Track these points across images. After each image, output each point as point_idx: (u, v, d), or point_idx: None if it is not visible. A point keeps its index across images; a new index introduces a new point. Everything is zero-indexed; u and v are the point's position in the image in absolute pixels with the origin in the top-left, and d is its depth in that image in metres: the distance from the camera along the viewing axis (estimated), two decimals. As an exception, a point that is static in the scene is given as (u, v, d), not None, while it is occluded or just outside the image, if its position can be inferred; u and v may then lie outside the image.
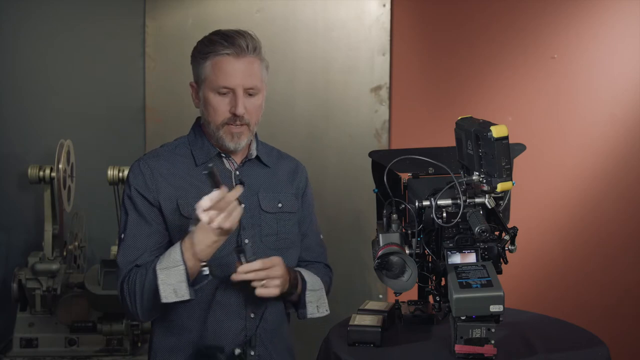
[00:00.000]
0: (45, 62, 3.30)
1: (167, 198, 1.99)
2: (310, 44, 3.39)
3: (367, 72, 3.39)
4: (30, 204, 3.24)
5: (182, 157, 2.06)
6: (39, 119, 3.29)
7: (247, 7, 3.37)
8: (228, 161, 2.07)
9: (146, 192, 1.99)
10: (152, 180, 2.00)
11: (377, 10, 3.38)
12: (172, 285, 1.86)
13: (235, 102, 1.97)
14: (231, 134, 2.00)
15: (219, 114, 1.99)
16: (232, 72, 1.97)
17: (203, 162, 2.03)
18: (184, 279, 1.86)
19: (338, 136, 3.42)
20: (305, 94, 3.40)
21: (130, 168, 2.06)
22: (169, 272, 1.86)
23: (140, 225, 1.98)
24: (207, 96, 2.00)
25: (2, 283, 3.08)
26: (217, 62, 1.97)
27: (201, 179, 1.99)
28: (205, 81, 2.00)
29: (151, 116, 3.38)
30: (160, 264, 1.88)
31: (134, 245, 1.97)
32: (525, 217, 2.57)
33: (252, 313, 2.04)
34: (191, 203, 1.96)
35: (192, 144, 2.07)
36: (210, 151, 2.05)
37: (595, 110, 3.34)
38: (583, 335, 2.10)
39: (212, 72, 1.98)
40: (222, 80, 1.97)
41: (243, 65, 1.98)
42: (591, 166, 3.35)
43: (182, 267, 1.86)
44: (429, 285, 2.03)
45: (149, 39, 3.37)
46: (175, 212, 1.98)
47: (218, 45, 1.97)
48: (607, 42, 3.32)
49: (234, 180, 2.06)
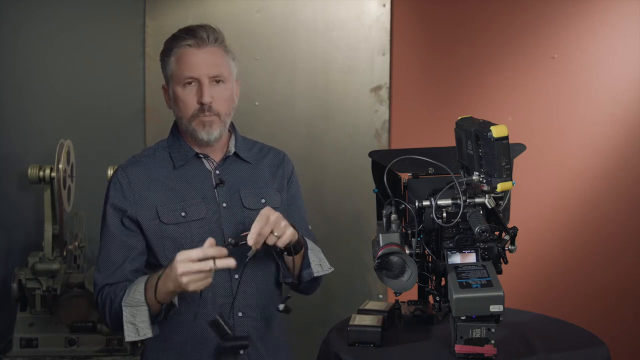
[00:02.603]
0: (45, 62, 3.30)
1: (145, 206, 1.99)
2: (310, 44, 3.39)
3: (367, 72, 3.39)
4: (30, 204, 3.24)
5: (160, 162, 2.06)
6: (39, 119, 3.29)
7: (247, 7, 3.37)
8: (207, 161, 2.07)
9: (123, 204, 1.99)
10: (129, 190, 2.00)
11: (377, 10, 3.38)
12: (135, 325, 1.87)
13: (201, 91, 1.98)
14: (202, 123, 2.00)
15: (188, 106, 2.00)
16: (196, 62, 1.98)
17: (181, 165, 2.04)
18: (147, 318, 1.87)
19: (338, 136, 3.42)
20: (305, 94, 3.40)
21: (110, 178, 2.07)
22: (132, 311, 1.87)
23: (111, 240, 1.99)
24: (175, 91, 2.01)
25: (2, 283, 3.08)
26: (180, 55, 1.99)
27: (179, 183, 2.01)
28: (172, 77, 2.01)
29: (151, 116, 3.38)
30: (126, 299, 1.89)
31: (106, 259, 1.98)
32: (525, 217, 2.57)
33: (240, 312, 2.03)
34: (170, 208, 1.98)
35: (170, 147, 2.08)
36: (188, 152, 2.05)
37: (595, 110, 3.34)
38: (583, 335, 2.10)
39: (177, 66, 2.00)
40: (186, 71, 1.98)
41: (205, 55, 1.99)
42: (591, 166, 3.35)
43: (145, 308, 1.86)
44: (429, 285, 2.03)
45: (149, 39, 3.37)
46: (154, 219, 1.99)
47: (179, 39, 2.00)
48: (607, 42, 3.32)
49: (214, 180, 2.05)
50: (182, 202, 2.00)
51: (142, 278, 1.92)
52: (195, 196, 2.02)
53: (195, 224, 2.00)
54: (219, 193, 2.04)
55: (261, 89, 3.35)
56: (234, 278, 2.02)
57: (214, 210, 2.02)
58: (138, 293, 1.87)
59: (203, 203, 2.02)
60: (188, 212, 2.00)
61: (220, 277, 1.99)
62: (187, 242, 1.97)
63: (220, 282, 2.00)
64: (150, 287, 1.86)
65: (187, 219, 1.99)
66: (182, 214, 1.99)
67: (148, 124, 3.39)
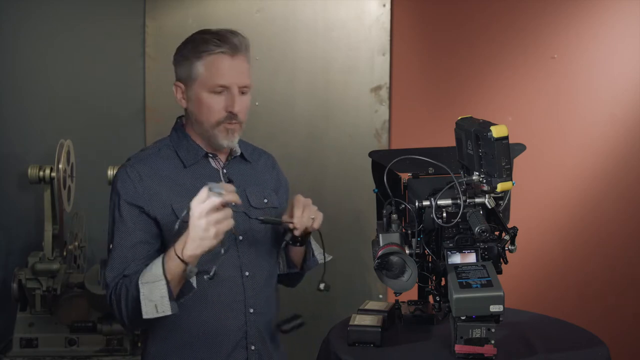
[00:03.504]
0: (45, 62, 3.30)
1: (160, 204, 1.97)
2: (310, 44, 3.39)
3: (367, 72, 3.39)
4: (30, 204, 3.24)
5: (167, 160, 2.04)
6: (39, 119, 3.29)
7: (247, 7, 3.37)
8: (214, 160, 2.07)
9: (135, 199, 1.96)
10: (141, 186, 1.97)
11: (377, 10, 3.38)
12: (153, 301, 1.83)
13: (232, 101, 1.98)
14: (226, 130, 2.00)
15: (214, 113, 1.98)
16: (228, 70, 1.97)
17: (192, 164, 2.03)
18: (166, 294, 1.83)
19: (338, 136, 3.41)
20: (305, 94, 3.40)
21: (116, 175, 2.02)
22: (150, 287, 1.83)
23: (127, 236, 1.95)
24: (200, 96, 1.99)
25: (2, 283, 3.08)
26: (213, 60, 1.97)
27: (190, 181, 2.00)
28: (196, 80, 1.99)
29: (151, 116, 3.38)
30: (143, 277, 1.85)
31: (121, 256, 1.94)
32: (525, 217, 2.57)
33: (252, 308, 2.04)
34: (184, 206, 1.94)
35: (177, 146, 2.06)
36: (198, 152, 2.05)
37: (595, 110, 3.34)
38: (583, 335, 2.10)
39: (207, 72, 1.97)
40: (218, 79, 1.97)
41: (237, 63, 1.99)
42: (591, 166, 3.35)
43: (163, 282, 1.82)
44: (429, 285, 2.03)
45: (149, 39, 3.37)
46: (171, 215, 1.97)
47: (212, 44, 1.97)
48: (607, 42, 3.32)
49: (222, 179, 2.06)
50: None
51: (158, 257, 1.88)
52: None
53: None
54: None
55: (261, 89, 3.35)
56: (244, 275, 2.03)
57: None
58: (155, 267, 1.84)
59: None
60: None
61: (231, 274, 2.01)
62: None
63: (231, 279, 2.00)
64: (170, 258, 1.83)
65: None
66: None
67: (148, 124, 3.39)
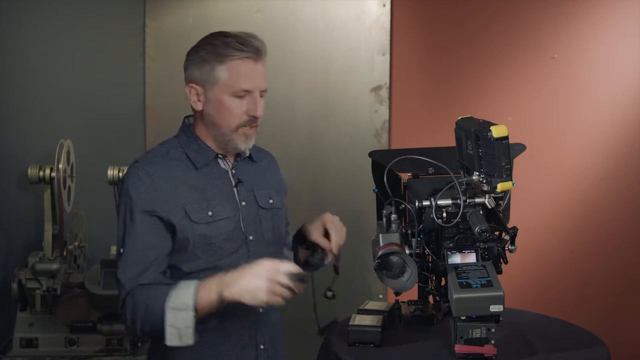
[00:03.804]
0: (45, 62, 3.30)
1: (174, 206, 1.96)
2: (310, 44, 3.39)
3: (367, 72, 3.39)
4: (30, 204, 3.24)
5: (178, 162, 2.03)
6: (39, 119, 3.29)
7: (247, 7, 3.37)
8: (223, 161, 2.08)
9: (148, 203, 1.95)
10: (154, 189, 1.96)
11: (377, 10, 3.38)
12: (178, 329, 1.83)
13: (255, 105, 1.99)
14: (245, 135, 2.02)
15: (236, 116, 1.99)
16: (252, 75, 1.98)
17: (203, 165, 2.03)
18: (191, 324, 1.83)
19: (338, 136, 3.42)
20: (305, 94, 3.40)
21: (127, 176, 2.00)
22: (177, 315, 1.82)
23: (139, 239, 1.94)
24: (221, 99, 1.98)
25: (2, 283, 3.07)
26: (238, 65, 1.97)
27: (202, 183, 2.01)
28: (218, 84, 1.98)
29: (151, 116, 3.38)
30: (170, 300, 1.83)
31: (135, 261, 1.93)
32: (525, 217, 2.57)
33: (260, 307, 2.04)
34: (197, 208, 1.97)
35: (186, 147, 2.05)
36: (209, 154, 2.05)
37: (595, 110, 3.34)
38: (583, 335, 2.10)
39: (230, 76, 1.97)
40: (243, 83, 1.97)
41: (260, 67, 2.00)
42: (591, 166, 3.35)
43: (192, 313, 1.82)
44: (429, 285, 2.03)
45: (149, 39, 3.37)
46: (184, 218, 1.96)
47: (234, 48, 1.97)
48: (607, 42, 3.31)
49: (232, 179, 2.06)
50: (207, 201, 2.00)
51: (188, 282, 1.88)
52: (218, 195, 2.03)
53: (222, 223, 2.00)
54: (239, 192, 2.06)
55: (261, 89, 3.35)
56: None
57: (235, 209, 2.04)
58: (187, 298, 1.83)
59: (226, 202, 2.03)
60: (214, 211, 2.00)
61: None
62: (216, 240, 1.99)
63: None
64: (206, 290, 1.83)
65: (214, 218, 1.99)
66: (209, 213, 1.99)
67: (148, 124, 3.39)
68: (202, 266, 1.99)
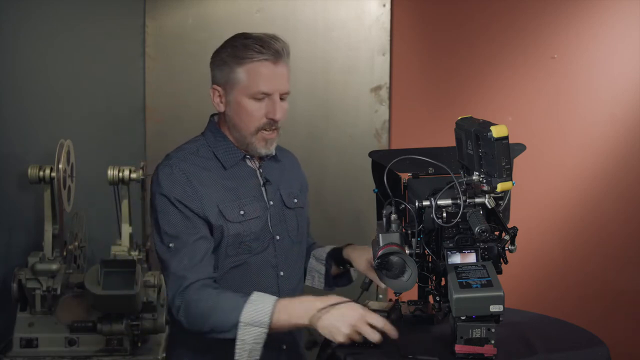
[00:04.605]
0: (45, 62, 3.30)
1: (208, 204, 1.97)
2: (310, 44, 3.39)
3: (367, 72, 3.39)
4: (30, 204, 3.24)
5: (208, 160, 2.03)
6: (39, 119, 3.29)
7: (247, 7, 3.37)
8: (250, 161, 2.09)
9: (186, 200, 1.95)
10: (190, 186, 1.96)
11: (377, 10, 3.38)
12: (249, 345, 1.82)
13: (274, 108, 1.99)
14: (264, 140, 2.02)
15: (255, 119, 1.99)
16: (271, 77, 1.98)
17: (232, 165, 2.04)
18: (262, 342, 1.82)
19: (338, 136, 3.42)
20: (305, 94, 3.40)
21: (161, 173, 1.99)
22: (250, 331, 1.81)
23: (188, 232, 1.94)
24: (240, 101, 1.99)
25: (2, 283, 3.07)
26: (255, 67, 1.97)
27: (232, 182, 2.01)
28: (237, 86, 1.98)
29: (151, 116, 3.39)
30: (245, 316, 1.82)
31: (189, 252, 1.93)
32: (525, 217, 2.57)
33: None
34: (230, 207, 1.98)
35: (214, 146, 2.06)
36: (237, 154, 2.05)
37: (595, 110, 3.34)
38: (583, 335, 2.10)
39: (249, 78, 1.97)
40: (261, 86, 1.97)
41: (279, 70, 1.99)
42: (591, 166, 3.35)
43: (265, 331, 1.82)
44: (429, 285, 2.03)
45: (149, 39, 3.37)
46: (219, 217, 1.97)
47: (254, 50, 1.96)
48: (607, 42, 3.32)
49: (260, 178, 2.08)
50: (238, 200, 2.01)
51: (263, 297, 1.86)
52: (248, 194, 2.04)
53: (253, 222, 2.02)
54: (267, 191, 2.07)
55: (261, 89, 3.35)
56: (279, 275, 2.06)
57: (264, 208, 2.05)
58: (263, 314, 1.82)
59: (255, 201, 2.04)
60: (245, 210, 2.01)
61: (267, 274, 2.04)
62: (247, 239, 2.00)
63: (267, 278, 2.04)
64: (285, 314, 1.82)
65: (246, 217, 2.01)
66: (241, 212, 2.00)
67: (148, 124, 3.39)
68: (231, 264, 2.00)
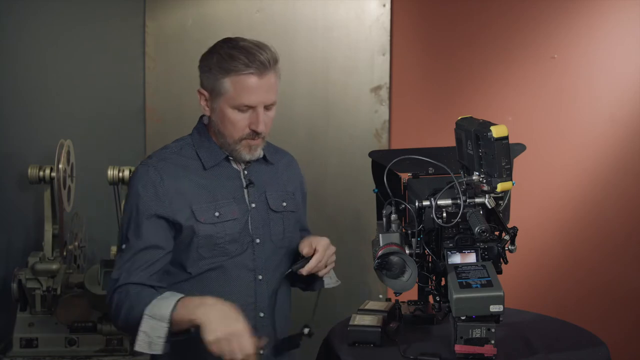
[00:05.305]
0: (45, 62, 3.30)
1: (180, 206, 1.96)
2: (310, 44, 3.39)
3: (367, 72, 3.39)
4: (30, 204, 3.24)
5: (189, 160, 2.03)
6: (39, 119, 3.29)
7: (247, 7, 3.37)
8: (236, 162, 2.07)
9: (156, 204, 1.95)
10: (162, 187, 1.96)
11: (377, 10, 3.38)
12: (149, 337, 1.83)
13: (257, 120, 1.96)
14: (249, 147, 2.00)
15: (238, 129, 1.98)
16: (256, 90, 1.95)
17: (212, 166, 2.03)
18: (163, 336, 1.82)
19: (338, 136, 3.41)
20: (305, 94, 3.40)
21: (137, 174, 2.00)
22: (152, 323, 1.83)
23: (142, 239, 1.95)
24: (224, 111, 1.98)
25: (2, 283, 3.07)
26: (241, 80, 1.94)
27: (210, 182, 2.00)
28: (222, 95, 1.97)
29: (151, 116, 3.38)
30: (149, 309, 1.84)
31: (133, 258, 1.94)
32: (525, 217, 2.57)
33: (262, 312, 2.04)
34: (204, 208, 1.97)
35: (198, 146, 2.05)
36: (219, 155, 2.04)
37: (595, 110, 3.34)
38: (583, 335, 2.10)
39: (233, 90, 1.95)
40: (245, 99, 1.95)
41: (264, 82, 1.96)
42: (591, 166, 3.35)
43: (166, 325, 1.82)
44: (429, 285, 2.03)
45: (149, 39, 3.37)
46: (190, 218, 1.97)
47: (239, 63, 1.94)
48: (607, 42, 3.32)
49: (244, 181, 2.06)
50: (215, 201, 2.00)
51: (171, 294, 1.88)
52: (226, 196, 2.02)
53: (229, 224, 2.00)
54: (249, 193, 2.05)
55: (261, 89, 3.35)
56: (257, 279, 2.03)
57: (244, 211, 2.03)
58: (165, 308, 1.83)
59: (234, 203, 2.02)
60: (221, 212, 2.00)
61: (244, 277, 2.02)
62: (221, 241, 1.99)
63: (243, 282, 2.01)
64: (186, 309, 1.82)
65: (221, 219, 1.99)
66: (216, 213, 1.99)
67: (148, 124, 3.39)
68: (207, 267, 1.99)
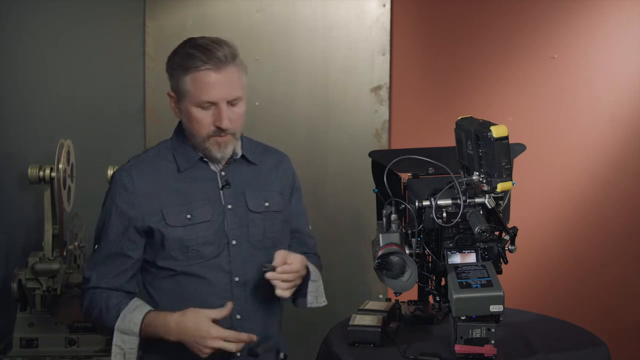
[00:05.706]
0: (46, 62, 3.30)
1: (152, 210, 1.99)
2: (310, 44, 3.39)
3: (367, 72, 3.39)
4: (30, 204, 3.24)
5: (165, 162, 2.05)
6: (39, 119, 3.29)
7: (247, 7, 3.37)
8: (212, 163, 2.07)
9: (129, 212, 1.99)
10: (134, 195, 1.99)
11: (377, 10, 3.38)
12: (123, 350, 1.95)
13: (220, 116, 1.96)
14: (218, 144, 2.00)
15: (204, 127, 1.98)
16: (214, 86, 1.95)
17: (186, 168, 2.04)
18: (135, 346, 1.94)
19: (338, 136, 3.41)
20: (305, 94, 3.40)
21: (113, 178, 2.06)
22: (124, 338, 1.94)
23: (112, 245, 2.00)
24: (189, 110, 1.98)
25: (2, 283, 3.07)
26: (198, 77, 1.95)
27: (184, 185, 2.01)
28: (186, 95, 1.98)
29: (151, 116, 3.38)
30: (120, 324, 1.95)
31: (104, 263, 2.01)
32: (525, 217, 2.57)
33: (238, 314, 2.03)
34: (175, 211, 1.98)
35: (175, 149, 2.06)
36: (193, 157, 2.04)
37: (595, 110, 3.34)
38: (583, 335, 2.10)
39: (193, 87, 1.96)
40: (204, 95, 1.95)
41: (223, 77, 1.95)
42: (591, 166, 3.35)
43: (136, 339, 1.94)
44: (429, 285, 2.03)
45: (149, 39, 3.37)
46: (160, 221, 1.98)
47: (195, 60, 1.94)
48: (607, 42, 3.31)
49: (220, 182, 2.05)
50: (188, 204, 2.00)
51: (141, 307, 1.97)
52: (200, 198, 2.02)
53: (201, 226, 2.00)
54: (225, 195, 2.05)
55: (261, 89, 3.35)
56: (234, 281, 2.03)
57: (219, 212, 2.03)
58: (133, 324, 1.93)
59: (209, 205, 2.02)
60: (194, 214, 2.00)
61: (220, 279, 2.01)
62: (193, 243, 1.99)
63: (220, 284, 2.01)
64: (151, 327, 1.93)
65: (192, 221, 1.99)
66: (188, 216, 1.99)
67: (148, 124, 3.39)
68: (182, 269, 2.00)
